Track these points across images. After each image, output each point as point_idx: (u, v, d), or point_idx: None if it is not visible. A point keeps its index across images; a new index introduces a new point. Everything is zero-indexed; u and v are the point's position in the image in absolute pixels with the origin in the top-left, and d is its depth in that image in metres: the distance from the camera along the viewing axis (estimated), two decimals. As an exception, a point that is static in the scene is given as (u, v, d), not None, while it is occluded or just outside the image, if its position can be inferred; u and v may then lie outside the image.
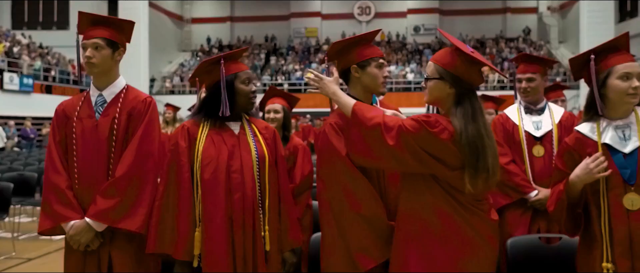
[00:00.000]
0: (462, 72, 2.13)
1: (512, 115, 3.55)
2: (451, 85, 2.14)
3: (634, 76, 2.27)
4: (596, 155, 2.26)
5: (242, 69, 2.58)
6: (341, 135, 2.37)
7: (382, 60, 2.52)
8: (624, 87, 2.27)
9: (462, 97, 2.13)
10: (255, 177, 2.49)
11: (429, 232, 2.12)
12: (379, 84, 2.50)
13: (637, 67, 2.29)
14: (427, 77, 2.23)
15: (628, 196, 2.23)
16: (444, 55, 2.20)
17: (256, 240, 2.45)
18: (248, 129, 2.59)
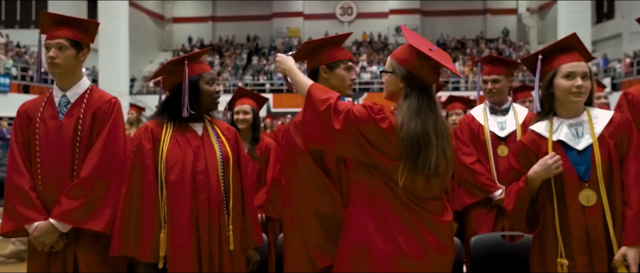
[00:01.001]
0: (412, 67, 2.13)
1: (477, 116, 3.62)
2: (401, 80, 2.15)
3: (577, 75, 2.33)
4: (553, 153, 2.31)
5: (206, 70, 2.60)
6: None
7: (351, 63, 2.56)
8: (568, 85, 2.33)
9: (411, 92, 2.13)
10: (220, 177, 2.52)
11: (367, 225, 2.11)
12: (346, 86, 2.53)
13: (582, 66, 2.35)
14: (382, 70, 2.26)
15: (583, 192, 2.28)
16: (400, 50, 2.22)
17: (221, 240, 2.48)
18: (211, 130, 2.62)
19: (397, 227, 2.06)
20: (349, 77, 2.54)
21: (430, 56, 2.11)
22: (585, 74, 2.35)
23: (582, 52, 2.46)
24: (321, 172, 2.32)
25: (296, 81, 2.32)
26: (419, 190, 2.08)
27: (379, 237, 2.07)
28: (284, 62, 2.40)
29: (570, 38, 2.43)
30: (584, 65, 2.37)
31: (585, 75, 2.35)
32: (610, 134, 2.33)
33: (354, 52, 28.94)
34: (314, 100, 2.18)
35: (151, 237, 2.40)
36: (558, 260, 2.29)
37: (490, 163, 3.50)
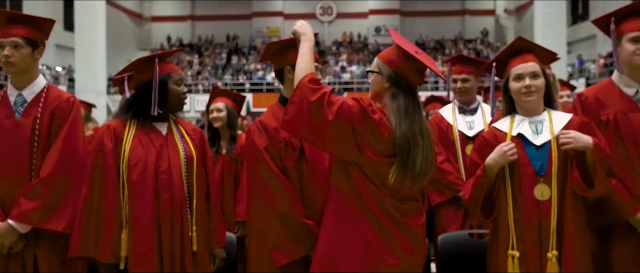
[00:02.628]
0: (398, 68, 2.20)
1: (446, 115, 3.65)
2: (387, 80, 2.20)
3: (526, 76, 2.43)
4: (507, 141, 2.38)
5: (175, 70, 2.59)
6: (263, 133, 2.41)
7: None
8: (518, 87, 2.44)
9: (397, 93, 2.18)
10: (183, 177, 2.50)
11: (342, 228, 2.16)
12: None
13: (530, 66, 2.44)
14: (368, 70, 2.30)
15: (538, 187, 2.34)
16: (387, 51, 2.28)
17: (184, 241, 2.46)
18: (175, 130, 2.59)
19: (371, 231, 2.11)
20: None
21: (417, 58, 2.18)
22: (535, 73, 2.44)
23: (537, 52, 2.56)
24: (279, 172, 2.34)
25: (301, 53, 2.23)
26: (405, 190, 2.14)
27: (353, 241, 2.12)
28: (304, 28, 2.31)
29: (517, 41, 2.56)
30: (532, 65, 2.45)
31: (534, 74, 2.44)
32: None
33: (334, 51, 28.99)
34: (306, 88, 2.12)
35: (112, 237, 2.37)
36: (509, 252, 2.34)
37: (458, 162, 3.53)
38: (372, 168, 2.12)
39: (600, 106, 2.63)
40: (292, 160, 2.39)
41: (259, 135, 2.41)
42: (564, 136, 2.33)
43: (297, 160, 2.40)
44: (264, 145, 2.38)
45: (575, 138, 2.32)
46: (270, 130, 2.42)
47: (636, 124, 2.55)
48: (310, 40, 2.28)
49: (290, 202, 2.31)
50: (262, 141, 2.39)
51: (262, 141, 2.39)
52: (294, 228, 2.30)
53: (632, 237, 2.50)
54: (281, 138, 2.41)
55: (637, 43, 2.56)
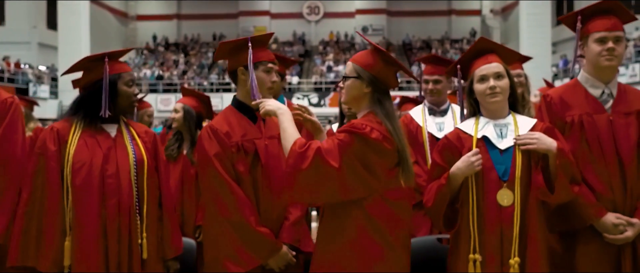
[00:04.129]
0: (378, 71, 2.20)
1: (416, 117, 3.58)
2: (367, 85, 2.20)
3: (490, 77, 2.37)
4: (476, 150, 2.30)
5: (125, 70, 2.48)
6: (213, 138, 2.35)
7: (272, 65, 2.49)
8: (482, 89, 2.38)
9: (381, 97, 2.21)
10: (132, 181, 2.40)
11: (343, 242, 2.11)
12: (265, 89, 2.46)
13: (493, 67, 2.38)
14: (344, 76, 2.27)
15: (501, 192, 2.28)
16: (362, 55, 2.27)
17: (132, 248, 2.36)
18: (126, 132, 2.49)
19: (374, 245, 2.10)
20: (268, 80, 2.47)
21: (396, 61, 2.21)
22: (499, 74, 2.38)
23: (500, 53, 2.50)
24: (229, 179, 2.29)
25: (283, 128, 2.12)
26: (409, 189, 2.20)
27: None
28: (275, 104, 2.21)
29: (480, 42, 2.51)
30: (496, 66, 2.40)
31: (498, 75, 2.38)
32: None
33: (321, 51, 28.92)
34: (296, 154, 2.01)
35: (54, 245, 2.27)
36: (470, 256, 2.28)
37: (427, 164, 3.45)
38: (387, 182, 2.11)
39: (566, 107, 2.56)
40: (245, 165, 2.34)
41: (209, 141, 2.35)
42: (528, 136, 2.27)
43: (251, 165, 2.35)
44: (214, 151, 2.32)
45: (540, 139, 2.26)
46: (221, 135, 2.35)
47: (601, 125, 2.49)
48: (286, 112, 2.18)
49: (243, 210, 2.26)
50: (212, 147, 2.33)
51: (212, 147, 2.33)
52: (247, 237, 2.25)
53: (596, 240, 2.44)
54: (233, 142, 2.36)
55: (604, 44, 2.49)
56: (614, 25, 2.50)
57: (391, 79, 2.26)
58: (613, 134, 2.48)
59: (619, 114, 2.51)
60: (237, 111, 2.50)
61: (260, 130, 2.48)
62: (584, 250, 2.48)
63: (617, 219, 2.41)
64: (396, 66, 2.26)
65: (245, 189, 2.33)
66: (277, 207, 2.41)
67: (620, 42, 2.51)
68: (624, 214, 2.43)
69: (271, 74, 2.47)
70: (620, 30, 2.52)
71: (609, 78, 2.55)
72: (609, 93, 2.55)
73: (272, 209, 2.37)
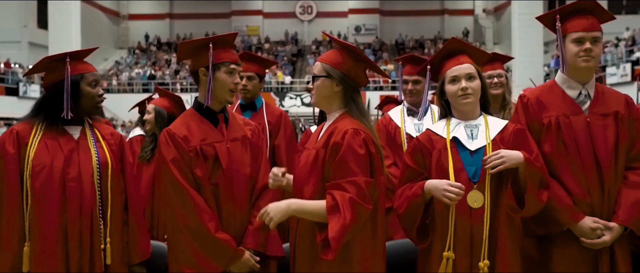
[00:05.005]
0: (348, 69, 2.21)
1: (395, 117, 3.52)
2: (338, 83, 2.20)
3: (461, 78, 2.35)
4: (459, 184, 2.19)
5: (89, 70, 2.41)
6: (170, 143, 2.29)
7: (235, 66, 2.41)
8: (454, 89, 2.35)
9: (353, 95, 2.23)
10: (95, 185, 2.33)
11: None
12: (227, 91, 2.39)
13: (464, 68, 2.36)
14: (314, 76, 2.25)
15: (471, 194, 2.25)
16: (331, 54, 2.25)
17: (94, 254, 2.29)
18: (90, 134, 2.42)
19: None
20: (231, 81, 2.39)
21: (366, 58, 2.23)
22: (470, 75, 2.36)
23: (471, 54, 2.47)
24: (186, 185, 2.24)
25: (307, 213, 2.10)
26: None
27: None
28: (276, 209, 2.09)
29: (451, 43, 2.47)
30: (468, 67, 2.38)
31: (469, 76, 2.36)
32: (502, 139, 2.33)
33: (314, 51, 28.84)
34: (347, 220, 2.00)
35: (12, 251, 2.21)
36: (445, 253, 2.24)
37: (406, 166, 3.40)
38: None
39: (542, 108, 2.51)
40: (204, 170, 2.28)
41: (166, 146, 2.30)
42: (494, 158, 2.22)
43: (211, 170, 2.29)
44: (171, 156, 2.27)
45: (506, 157, 2.22)
46: (178, 139, 2.30)
47: (578, 127, 2.44)
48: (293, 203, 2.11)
49: (201, 216, 2.21)
50: (169, 152, 2.28)
51: (169, 152, 2.28)
52: (205, 244, 2.20)
53: (573, 244, 2.39)
54: (191, 147, 2.30)
55: (581, 44, 2.43)
56: (592, 25, 2.45)
57: (361, 76, 2.25)
58: (590, 136, 2.43)
59: (596, 116, 2.46)
60: (198, 114, 2.42)
61: (222, 133, 2.41)
62: (560, 254, 2.43)
63: (594, 223, 2.36)
64: (365, 63, 2.25)
65: (205, 195, 2.27)
66: (240, 211, 2.35)
67: (597, 42, 2.45)
68: (601, 218, 2.38)
69: (234, 76, 2.39)
70: (598, 30, 2.47)
71: (587, 79, 2.50)
72: (586, 94, 2.50)
73: (235, 214, 2.31)
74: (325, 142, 2.21)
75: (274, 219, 2.08)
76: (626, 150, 2.44)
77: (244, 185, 2.32)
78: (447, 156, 2.32)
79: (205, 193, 2.25)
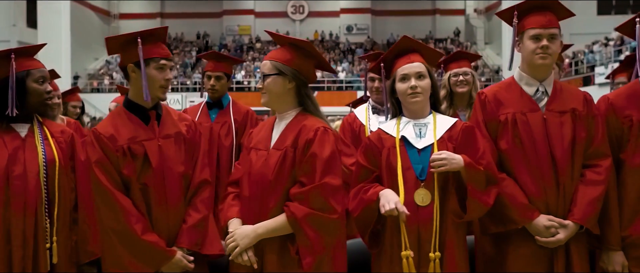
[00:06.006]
0: (300, 66, 2.24)
1: (360, 115, 3.49)
2: (291, 80, 2.22)
3: (411, 76, 2.34)
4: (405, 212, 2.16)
5: (36, 66, 2.37)
6: (96, 143, 2.24)
7: (166, 61, 2.33)
8: (404, 88, 2.34)
9: (306, 91, 2.26)
10: (41, 183, 2.29)
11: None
12: (157, 88, 2.30)
13: (415, 67, 2.35)
14: (264, 75, 2.24)
15: (419, 192, 2.24)
16: (279, 51, 2.26)
17: (39, 253, 2.25)
18: (38, 132, 2.37)
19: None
20: (161, 78, 2.30)
21: (316, 53, 2.25)
22: (420, 73, 2.35)
23: (423, 52, 2.45)
24: (110, 187, 2.18)
25: (276, 231, 2.14)
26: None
27: None
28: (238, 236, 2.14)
29: (402, 41, 2.45)
30: (418, 66, 2.37)
31: (419, 75, 2.35)
32: (450, 137, 2.33)
33: (306, 50, 28.81)
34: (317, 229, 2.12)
35: None
36: (403, 252, 2.20)
37: (371, 164, 3.37)
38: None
39: (500, 105, 2.48)
40: (132, 169, 2.22)
41: (91, 147, 2.24)
42: (437, 160, 2.20)
43: (140, 169, 2.23)
44: (96, 157, 2.21)
45: (448, 159, 2.20)
46: (104, 139, 2.24)
47: (534, 124, 2.41)
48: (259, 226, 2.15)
49: (127, 219, 2.16)
50: (94, 153, 2.22)
51: (94, 153, 2.22)
52: (133, 246, 2.16)
53: (529, 243, 2.37)
54: (118, 146, 2.24)
55: (538, 41, 2.40)
56: (550, 21, 2.42)
57: (312, 72, 2.28)
58: (546, 133, 2.41)
59: (553, 113, 2.43)
60: (127, 112, 2.35)
61: (154, 130, 2.34)
62: (516, 253, 2.40)
63: (549, 221, 2.34)
64: (315, 59, 2.27)
65: (133, 195, 2.21)
66: (173, 210, 2.28)
67: (555, 39, 2.43)
68: (557, 216, 2.36)
69: (165, 72, 2.31)
70: (556, 27, 2.44)
71: (544, 76, 2.47)
72: (543, 91, 2.47)
73: (167, 213, 2.25)
74: (294, 142, 2.20)
75: (241, 245, 2.11)
76: (584, 148, 2.41)
77: (177, 183, 2.26)
78: (396, 155, 2.31)
79: (134, 193, 2.20)
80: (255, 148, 2.29)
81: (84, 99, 17.26)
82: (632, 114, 2.47)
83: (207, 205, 2.36)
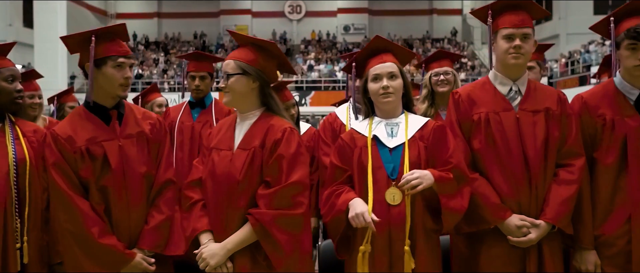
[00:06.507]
0: (263, 66, 2.26)
1: (341, 115, 3.48)
2: (255, 79, 2.23)
3: (383, 76, 2.34)
4: (370, 221, 2.15)
5: (5, 65, 2.37)
6: (53, 145, 2.22)
7: (124, 59, 2.28)
8: (375, 88, 2.34)
9: (270, 91, 2.27)
10: (11, 182, 2.28)
11: None
12: (117, 87, 2.27)
13: (387, 67, 2.35)
14: (228, 74, 2.23)
15: (390, 191, 2.23)
16: (242, 51, 2.26)
17: (8, 253, 2.24)
18: (9, 131, 2.36)
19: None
20: (120, 76, 2.27)
21: (279, 53, 2.27)
22: (392, 73, 2.35)
23: (396, 52, 2.45)
24: (66, 189, 2.17)
25: (244, 243, 2.17)
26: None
27: None
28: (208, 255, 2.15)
29: (374, 41, 2.46)
30: (390, 66, 2.37)
31: (391, 75, 2.35)
32: (422, 136, 2.33)
33: (303, 50, 28.80)
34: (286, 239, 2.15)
35: None
36: (361, 247, 2.20)
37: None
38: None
39: (473, 105, 2.48)
40: (91, 171, 2.20)
41: (49, 148, 2.22)
42: (410, 179, 2.17)
43: (100, 170, 2.21)
44: (53, 159, 2.19)
45: (422, 177, 2.18)
46: (61, 141, 2.22)
47: (507, 123, 2.41)
48: (227, 242, 2.17)
49: (85, 222, 2.15)
50: (51, 155, 2.21)
51: (51, 155, 2.21)
52: (89, 249, 2.15)
53: (501, 243, 2.36)
54: (77, 147, 2.21)
55: (511, 41, 2.40)
56: (522, 21, 2.42)
57: (274, 72, 2.31)
58: (519, 133, 2.40)
59: (526, 112, 2.43)
60: (87, 112, 2.32)
61: (115, 130, 2.31)
62: (488, 252, 2.41)
63: (520, 221, 2.34)
64: (277, 59, 2.29)
65: (92, 197, 2.19)
66: (135, 211, 2.26)
67: (528, 39, 2.43)
68: (529, 215, 2.36)
69: (124, 70, 2.27)
70: (529, 26, 2.44)
71: (518, 75, 2.47)
72: (516, 90, 2.47)
73: (129, 214, 2.24)
74: (262, 142, 2.21)
75: (211, 263, 2.13)
76: (557, 147, 2.41)
77: (139, 183, 2.24)
78: (367, 154, 2.30)
79: (93, 195, 2.18)
80: (217, 148, 2.28)
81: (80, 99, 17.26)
82: (606, 113, 2.46)
83: (171, 205, 2.34)
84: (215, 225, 2.22)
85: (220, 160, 2.23)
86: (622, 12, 2.54)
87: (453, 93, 2.57)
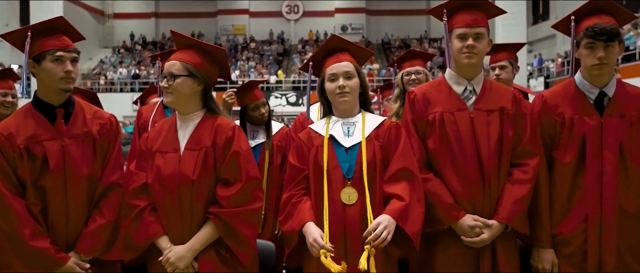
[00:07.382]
0: (209, 70, 2.28)
1: (312, 114, 3.46)
2: (200, 83, 2.25)
3: (340, 76, 2.33)
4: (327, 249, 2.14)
5: None
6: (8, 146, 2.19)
7: (63, 52, 2.21)
8: (332, 88, 2.34)
9: (210, 94, 2.29)
10: None
11: None
12: (58, 81, 2.21)
13: (343, 66, 2.35)
14: (173, 75, 2.22)
15: (345, 190, 2.24)
16: (189, 53, 2.27)
17: None
18: None
19: None
20: (60, 70, 2.20)
21: (224, 61, 2.31)
22: (348, 73, 2.35)
23: (353, 52, 2.44)
24: (1, 187, 2.14)
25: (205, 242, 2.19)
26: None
27: None
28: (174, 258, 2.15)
29: (331, 40, 2.45)
30: (347, 65, 2.36)
31: (348, 75, 2.35)
32: (377, 135, 2.33)
33: (300, 50, 28.78)
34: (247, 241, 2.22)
35: None
36: (322, 250, 2.17)
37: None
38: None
39: (428, 104, 2.47)
40: (29, 171, 2.17)
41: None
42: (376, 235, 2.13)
43: (39, 170, 2.18)
44: None
45: (388, 226, 2.15)
46: (2, 138, 2.19)
47: (461, 122, 2.40)
48: (194, 243, 2.18)
49: (17, 222, 2.12)
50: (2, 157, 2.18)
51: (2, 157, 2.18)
52: (20, 251, 2.13)
53: (455, 243, 2.36)
54: (16, 146, 2.19)
55: (464, 40, 2.39)
56: (476, 20, 2.41)
57: (216, 77, 2.36)
58: (473, 132, 2.40)
59: (480, 111, 2.42)
60: (33, 110, 2.28)
61: (59, 129, 2.25)
62: (443, 253, 2.40)
63: (473, 221, 2.34)
64: (221, 64, 2.33)
65: (28, 197, 2.17)
66: (74, 213, 2.22)
67: (481, 38, 2.42)
68: (483, 215, 2.36)
69: (64, 64, 2.20)
70: (483, 25, 2.42)
71: (472, 75, 2.47)
72: (471, 90, 2.47)
73: (66, 217, 2.20)
74: (213, 141, 2.22)
75: (181, 266, 2.14)
76: (511, 147, 2.40)
77: (79, 185, 2.21)
78: (323, 154, 2.30)
79: (29, 194, 2.16)
80: (160, 151, 2.25)
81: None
82: (565, 112, 2.46)
83: (114, 209, 2.29)
84: (169, 227, 2.21)
85: (167, 162, 2.20)
86: (582, 11, 2.54)
87: (408, 93, 2.56)
